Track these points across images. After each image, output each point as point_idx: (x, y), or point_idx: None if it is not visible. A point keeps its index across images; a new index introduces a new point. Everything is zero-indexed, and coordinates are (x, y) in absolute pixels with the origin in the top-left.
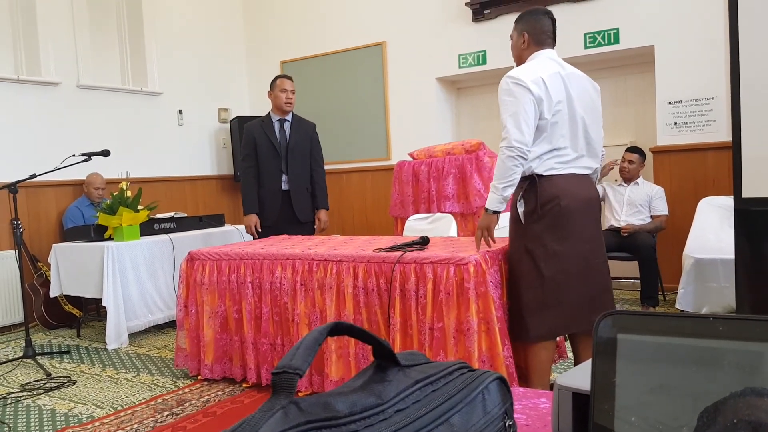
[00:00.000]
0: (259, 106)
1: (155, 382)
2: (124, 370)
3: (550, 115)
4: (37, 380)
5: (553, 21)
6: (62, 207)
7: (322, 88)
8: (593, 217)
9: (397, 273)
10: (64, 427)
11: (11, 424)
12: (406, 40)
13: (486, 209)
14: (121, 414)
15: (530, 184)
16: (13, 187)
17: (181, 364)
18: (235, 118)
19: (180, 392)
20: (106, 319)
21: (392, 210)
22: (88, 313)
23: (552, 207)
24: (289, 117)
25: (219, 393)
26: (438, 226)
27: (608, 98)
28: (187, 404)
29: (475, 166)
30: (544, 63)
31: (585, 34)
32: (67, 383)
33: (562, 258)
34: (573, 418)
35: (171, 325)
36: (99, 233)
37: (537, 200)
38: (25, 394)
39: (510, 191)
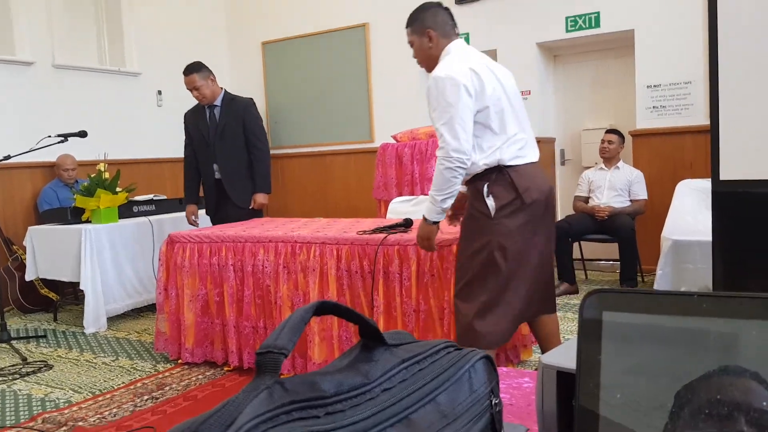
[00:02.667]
0: (240, 87)
1: (134, 366)
2: (102, 355)
3: (492, 104)
4: (13, 365)
5: (448, 9)
6: (37, 189)
7: (304, 69)
8: (554, 208)
9: (380, 255)
10: (41, 412)
11: None
12: (389, 21)
13: (425, 219)
14: (100, 398)
15: (498, 175)
16: None
17: (161, 348)
18: None
19: (160, 376)
20: (83, 303)
21: (375, 192)
22: (65, 296)
23: (526, 199)
24: (218, 101)
25: (200, 377)
26: (421, 209)
27: (589, 81)
28: (167, 388)
29: None
30: (465, 54)
31: (566, 18)
32: (44, 368)
33: (532, 253)
34: (557, 397)
35: (150, 308)
36: (76, 216)
37: (509, 193)
38: (0, 379)
39: (449, 202)
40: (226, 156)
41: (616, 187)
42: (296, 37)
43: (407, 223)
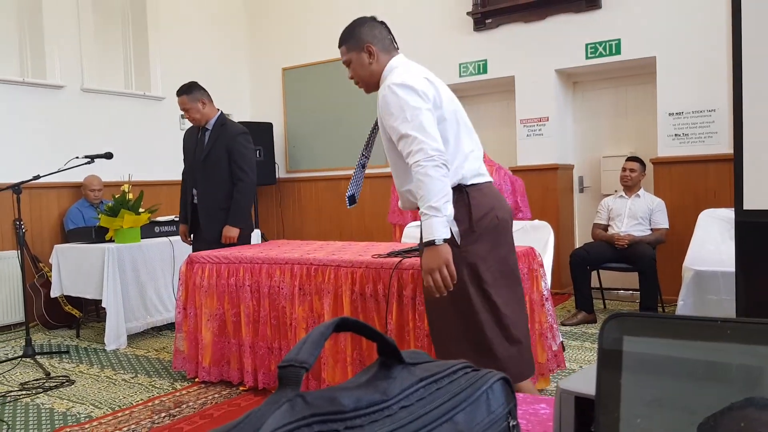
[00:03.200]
0: (261, 112)
1: (153, 383)
2: (122, 371)
3: (449, 117)
4: (36, 379)
5: (385, 24)
6: (63, 208)
7: (322, 95)
8: (511, 228)
9: (395, 279)
10: (62, 426)
11: (10, 423)
12: (407, 49)
13: (432, 242)
14: (119, 414)
15: (458, 196)
16: (17, 188)
17: (179, 366)
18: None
19: (177, 394)
20: (105, 320)
21: (391, 217)
22: (87, 313)
23: (490, 221)
24: (210, 125)
25: (216, 395)
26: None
27: (608, 108)
28: (185, 406)
29: None
30: (413, 66)
31: (586, 45)
32: (66, 383)
33: (510, 280)
34: (575, 423)
35: (169, 327)
36: (100, 235)
37: (470, 215)
38: (24, 392)
39: (451, 207)
40: (206, 183)
41: (636, 215)
42: (315, 63)
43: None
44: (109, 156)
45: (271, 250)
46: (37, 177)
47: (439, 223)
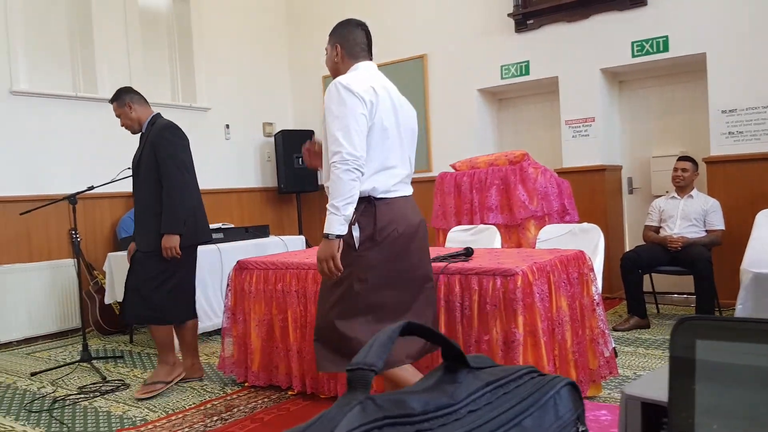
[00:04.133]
0: (302, 119)
1: (204, 387)
2: None
3: (381, 129)
4: (94, 383)
5: (367, 33)
6: (116, 218)
7: None
8: (424, 243)
9: (441, 284)
10: (120, 429)
11: (69, 425)
12: (448, 52)
13: (327, 236)
14: (173, 418)
15: (366, 206)
16: (72, 199)
17: (229, 371)
18: (279, 132)
19: (228, 398)
20: None
21: (434, 221)
22: None
23: (390, 233)
24: (144, 128)
25: (265, 400)
26: (481, 238)
27: (657, 107)
28: (235, 410)
29: (519, 177)
30: (371, 74)
31: (633, 43)
32: (122, 387)
33: (399, 288)
34: (642, 429)
35: (218, 332)
36: None
37: (375, 225)
38: (82, 396)
39: (351, 209)
40: (139, 190)
41: (689, 216)
42: None
43: (468, 252)
44: None
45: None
46: (91, 188)
47: (336, 221)
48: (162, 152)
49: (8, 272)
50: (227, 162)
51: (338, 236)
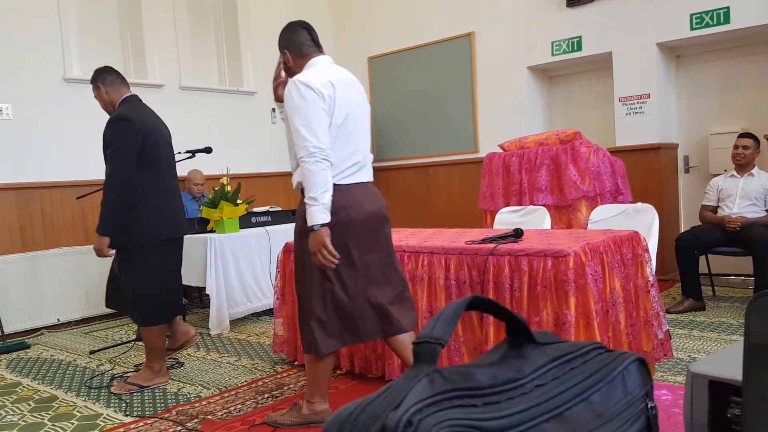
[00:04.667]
0: None
1: (255, 366)
2: (226, 354)
3: (341, 120)
4: None
5: (310, 30)
6: None
7: (409, 82)
8: (381, 227)
9: (490, 265)
10: (175, 405)
11: (128, 401)
12: (496, 29)
13: (312, 228)
14: (225, 395)
15: None
16: None
17: (279, 350)
18: None
19: (278, 376)
20: (209, 307)
21: (481, 203)
22: (192, 300)
23: (342, 218)
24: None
25: None
26: (530, 219)
27: (716, 83)
28: (286, 388)
29: (571, 157)
30: (326, 68)
31: (691, 15)
32: (176, 365)
33: (353, 270)
34: (709, 407)
35: (268, 312)
36: (202, 226)
37: (331, 210)
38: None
39: (329, 196)
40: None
41: (750, 195)
42: (401, 50)
43: (518, 233)
44: (208, 150)
45: None
46: None
47: (317, 211)
48: (107, 147)
49: (67, 255)
50: (273, 145)
51: (323, 225)
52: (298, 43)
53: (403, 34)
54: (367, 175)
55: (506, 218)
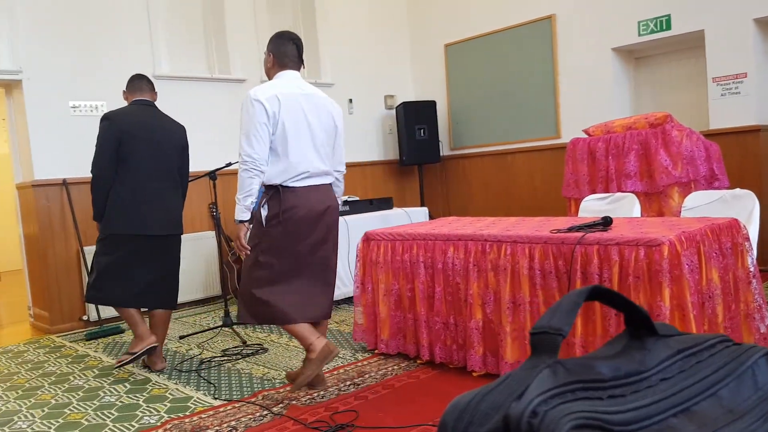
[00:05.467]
0: (423, 90)
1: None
2: None
3: (281, 130)
4: (235, 347)
5: (298, 46)
6: None
7: (485, 68)
8: (325, 224)
9: (577, 255)
10: (261, 390)
11: (216, 384)
12: (578, 10)
13: (235, 220)
14: None
15: (274, 193)
16: (212, 175)
17: (359, 339)
18: (400, 104)
19: (359, 364)
20: None
21: (565, 190)
22: None
23: (290, 215)
24: None
25: (395, 367)
26: (618, 207)
27: None
28: (367, 376)
29: (662, 141)
30: (284, 82)
31: None
32: (261, 351)
33: (293, 258)
34: None
35: (347, 301)
36: None
37: (279, 207)
38: (225, 358)
39: (250, 200)
40: None
41: None
42: (478, 36)
43: (606, 222)
44: None
45: (442, 226)
46: (229, 164)
47: (239, 209)
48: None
49: None
50: (351, 136)
51: (241, 221)
52: (282, 54)
53: (480, 20)
54: (320, 179)
55: (592, 206)
